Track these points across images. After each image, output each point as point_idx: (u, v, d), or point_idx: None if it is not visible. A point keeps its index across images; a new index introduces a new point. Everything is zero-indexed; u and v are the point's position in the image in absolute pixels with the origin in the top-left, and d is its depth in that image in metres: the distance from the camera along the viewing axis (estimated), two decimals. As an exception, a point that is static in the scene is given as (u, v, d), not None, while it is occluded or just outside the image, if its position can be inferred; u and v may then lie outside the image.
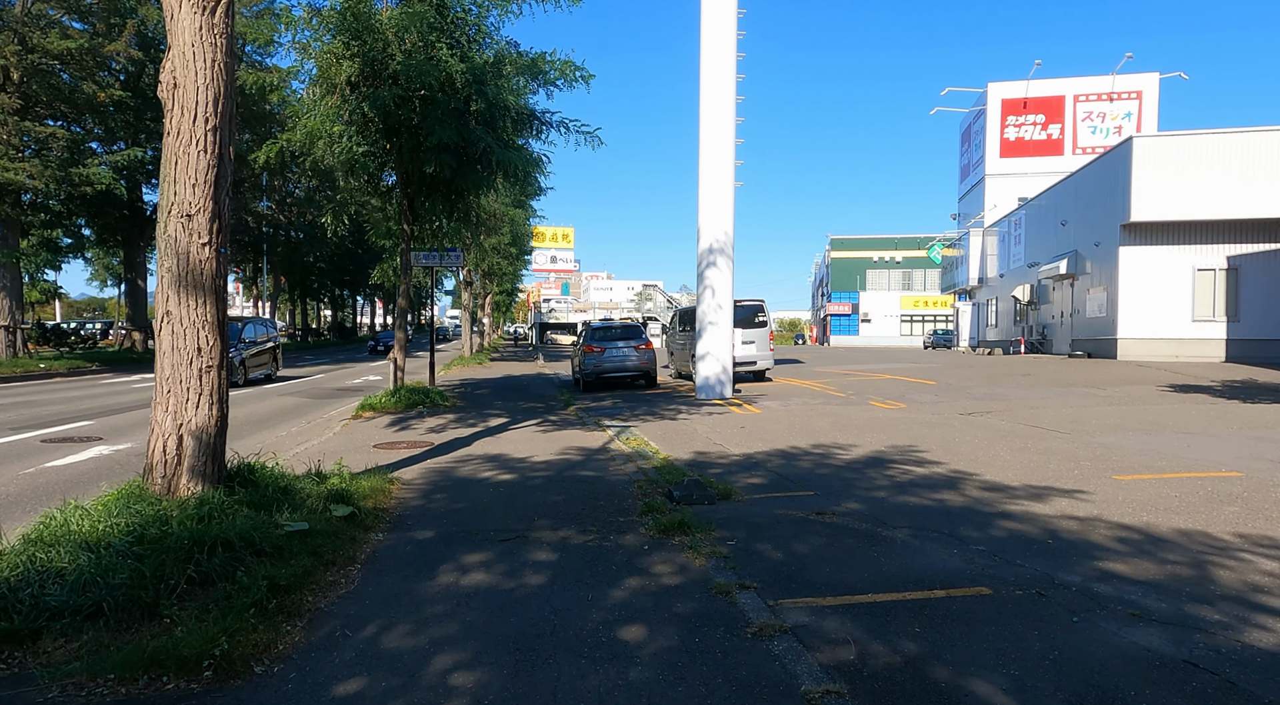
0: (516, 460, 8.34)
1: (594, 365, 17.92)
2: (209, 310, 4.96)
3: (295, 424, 12.86)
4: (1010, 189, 37.12)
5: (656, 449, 9.12)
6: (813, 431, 10.34)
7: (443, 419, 12.39)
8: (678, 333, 21.44)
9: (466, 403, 15.27)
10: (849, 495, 6.38)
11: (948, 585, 4.12)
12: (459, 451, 9.01)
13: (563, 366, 30.90)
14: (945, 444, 9.02)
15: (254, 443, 10.53)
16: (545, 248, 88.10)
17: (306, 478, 5.86)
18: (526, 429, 11.11)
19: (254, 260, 46.05)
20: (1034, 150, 37.06)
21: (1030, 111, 36.89)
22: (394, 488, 6.57)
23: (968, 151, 42.08)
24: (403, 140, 13.36)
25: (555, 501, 6.21)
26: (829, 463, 7.94)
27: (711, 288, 15.19)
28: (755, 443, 9.47)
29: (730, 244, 15.29)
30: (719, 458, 8.49)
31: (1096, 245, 23.87)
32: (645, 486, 6.76)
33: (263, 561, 4.06)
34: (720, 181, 15.21)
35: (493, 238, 31.96)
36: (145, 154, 27.13)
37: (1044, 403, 13.20)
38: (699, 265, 15.50)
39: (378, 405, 13.44)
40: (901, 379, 19.00)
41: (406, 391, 14.08)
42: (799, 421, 11.43)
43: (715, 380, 15.17)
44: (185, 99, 4.89)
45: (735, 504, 6.13)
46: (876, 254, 67.38)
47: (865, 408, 13.12)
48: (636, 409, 13.72)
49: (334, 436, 10.64)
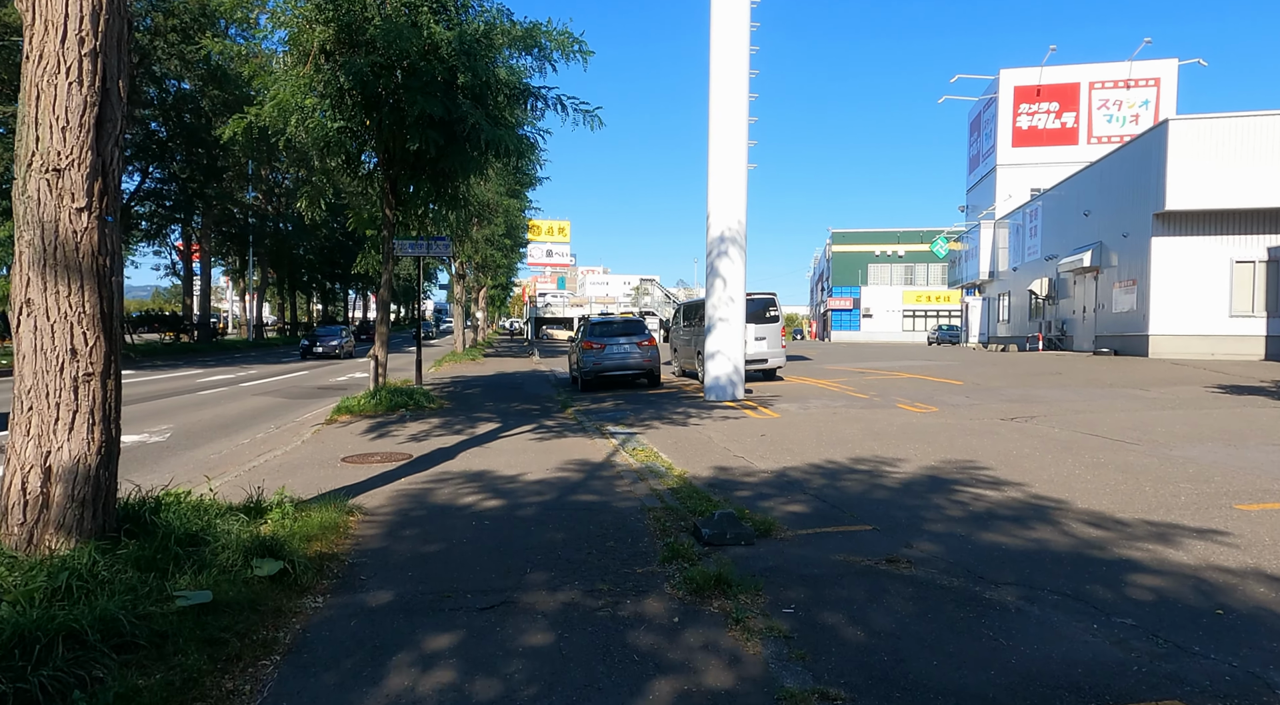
0: (506, 479, 7.07)
1: (593, 363, 16.66)
2: (88, 299, 3.68)
3: (263, 428, 11.57)
4: (1022, 179, 35.86)
5: (669, 463, 7.88)
6: (845, 441, 9.09)
7: (426, 424, 11.12)
8: (681, 328, 20.18)
9: (455, 404, 14.00)
10: (918, 531, 5.14)
11: (1118, 694, 2.88)
12: (440, 466, 7.74)
13: (559, 363, 29.63)
14: (1005, 458, 7.78)
15: (210, 453, 9.25)
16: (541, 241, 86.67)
17: (235, 513, 4.58)
18: (520, 436, 9.85)
19: (241, 252, 44.59)
20: (1047, 139, 35.78)
21: (1044, 99, 35.60)
22: (352, 521, 5.30)
23: (977, 141, 40.78)
24: (383, 115, 12.06)
25: (553, 541, 4.95)
26: (879, 483, 6.70)
27: (723, 279, 13.92)
28: (782, 455, 8.23)
29: (742, 232, 14.03)
30: (744, 475, 7.25)
31: (1125, 236, 22.63)
32: (663, 518, 5.50)
33: (129, 661, 2.80)
34: (732, 164, 13.94)
35: (486, 228, 30.64)
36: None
37: (1090, 406, 11.99)
38: (708, 255, 14.24)
39: (355, 408, 12.17)
40: (924, 378, 17.77)
41: (388, 392, 12.80)
42: (825, 428, 10.18)
43: (726, 380, 13.92)
44: (50, 10, 3.59)
45: (779, 544, 4.88)
46: (879, 248, 66.11)
47: (894, 411, 11.88)
48: (641, 412, 12.47)
49: (301, 446, 9.37)
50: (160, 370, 23.90)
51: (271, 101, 11.59)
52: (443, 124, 11.96)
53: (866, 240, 66.48)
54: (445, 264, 34.94)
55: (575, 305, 79.83)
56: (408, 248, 16.62)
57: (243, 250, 43.90)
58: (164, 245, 39.09)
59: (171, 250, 39.84)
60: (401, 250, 16.59)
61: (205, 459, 8.86)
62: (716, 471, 7.46)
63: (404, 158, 12.76)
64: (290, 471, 7.58)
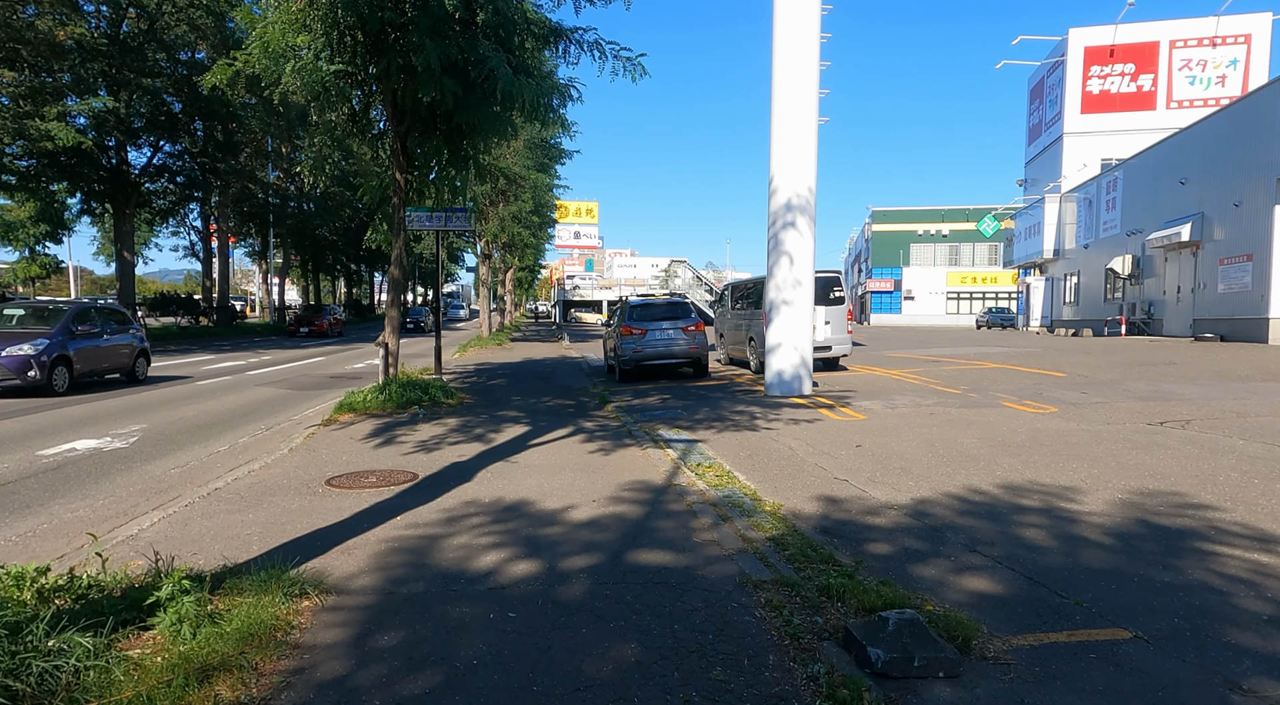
0: (541, 518, 5.17)
1: (634, 350, 14.72)
2: None
3: (252, 429, 9.82)
4: (1092, 148, 32.91)
5: (753, 490, 5.92)
6: (970, 456, 7.05)
7: (442, 426, 9.27)
8: (729, 312, 18.13)
9: (477, 399, 12.16)
10: (1211, 642, 3.14)
11: None
12: (453, 493, 5.87)
13: (591, 348, 27.77)
14: (1219, 487, 5.70)
15: (171, 466, 7.49)
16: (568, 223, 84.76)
17: (97, 613, 2.70)
18: (554, 444, 7.95)
19: (262, 233, 43.24)
20: (1121, 105, 32.72)
21: (1118, 60, 32.47)
22: (302, 614, 3.40)
23: (1039, 109, 37.73)
24: (391, 59, 10.13)
25: (623, 664, 3.02)
26: (1072, 532, 4.67)
27: (788, 257, 11.83)
28: (899, 478, 6.23)
29: (812, 200, 11.92)
30: (865, 512, 5.27)
31: (1236, 206, 19.97)
32: (783, 603, 3.56)
33: None
34: (800, 117, 11.80)
35: (513, 205, 28.72)
36: (124, 108, 24.22)
37: (1246, 406, 9.77)
38: (770, 227, 12.15)
39: (360, 405, 10.37)
40: (1013, 368, 15.54)
41: (400, 386, 10.98)
42: (933, 435, 8.14)
43: (792, 374, 11.88)
44: None
45: (1000, 675, 2.91)
46: (921, 227, 63.06)
47: (1005, 412, 9.78)
48: (695, 410, 10.51)
49: (285, 456, 7.57)
50: (169, 356, 22.47)
51: (258, 41, 9.75)
52: (459, 70, 10.04)
53: (909, 219, 63.47)
54: (471, 244, 33.18)
55: (604, 288, 77.80)
56: (423, 220, 14.77)
57: (263, 231, 42.54)
58: (182, 226, 37.88)
59: (190, 231, 38.56)
60: (417, 223, 14.74)
61: (161, 476, 7.09)
62: (823, 505, 5.49)
63: (416, 112, 10.87)
64: (255, 501, 5.77)
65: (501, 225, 28.99)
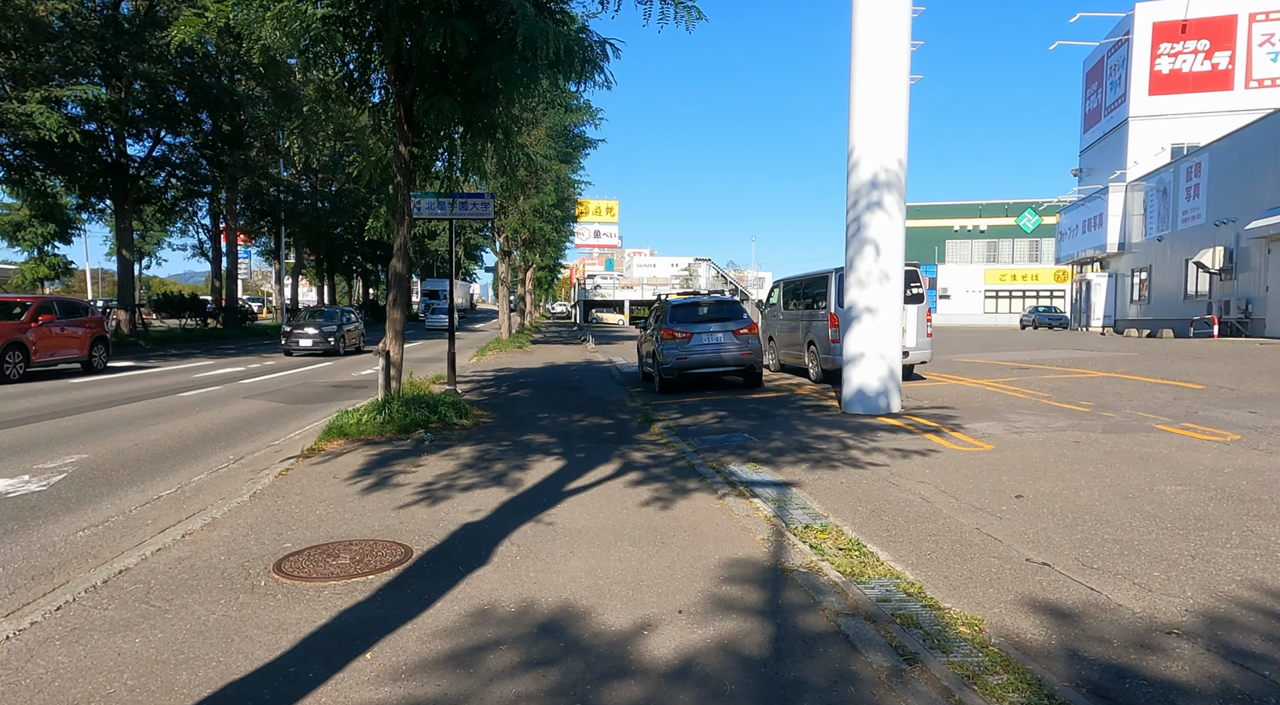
0: (604, 662, 3.14)
1: (677, 357, 12.67)
2: None
3: (218, 460, 7.89)
4: (1161, 133, 30.31)
5: (916, 585, 3.86)
6: (1189, 513, 4.93)
7: (452, 459, 7.28)
8: (780, 313, 16.02)
9: (496, 416, 10.18)
10: None
11: None
12: (458, 597, 3.86)
13: (617, 351, 25.79)
14: None
15: (81, 524, 5.52)
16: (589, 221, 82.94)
17: None
18: (600, 492, 5.92)
19: (274, 231, 41.68)
20: (1194, 85, 30.06)
21: (1190, 36, 29.82)
22: None
23: (1097, 93, 35.07)
24: (391, 3, 8.18)
25: None
26: None
27: (873, 246, 9.71)
28: (1117, 555, 4.14)
29: (903, 175, 9.80)
30: (1131, 643, 3.18)
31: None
32: None
33: None
34: (888, 73, 9.68)
35: (534, 197, 26.78)
36: (120, 95, 22.57)
37: None
38: (850, 210, 10.03)
39: (353, 428, 8.41)
40: (1128, 378, 13.27)
41: (403, 404, 9.00)
42: (1107, 476, 6.00)
43: (878, 389, 9.75)
44: None
45: None
46: (958, 222, 60.42)
47: (1171, 440, 7.60)
48: (765, 434, 8.43)
49: (241, 508, 5.61)
50: (165, 361, 20.78)
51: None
52: (473, 12, 8.08)
53: (944, 214, 60.86)
54: (490, 240, 31.27)
55: (626, 287, 75.74)
56: (434, 207, 12.76)
57: (275, 229, 40.97)
58: (190, 223, 36.35)
59: (199, 229, 37.01)
60: (427, 210, 12.73)
61: (61, 543, 5.14)
62: (1047, 622, 3.41)
63: (423, 68, 8.92)
64: (161, 604, 3.79)
65: (522, 219, 27.07)
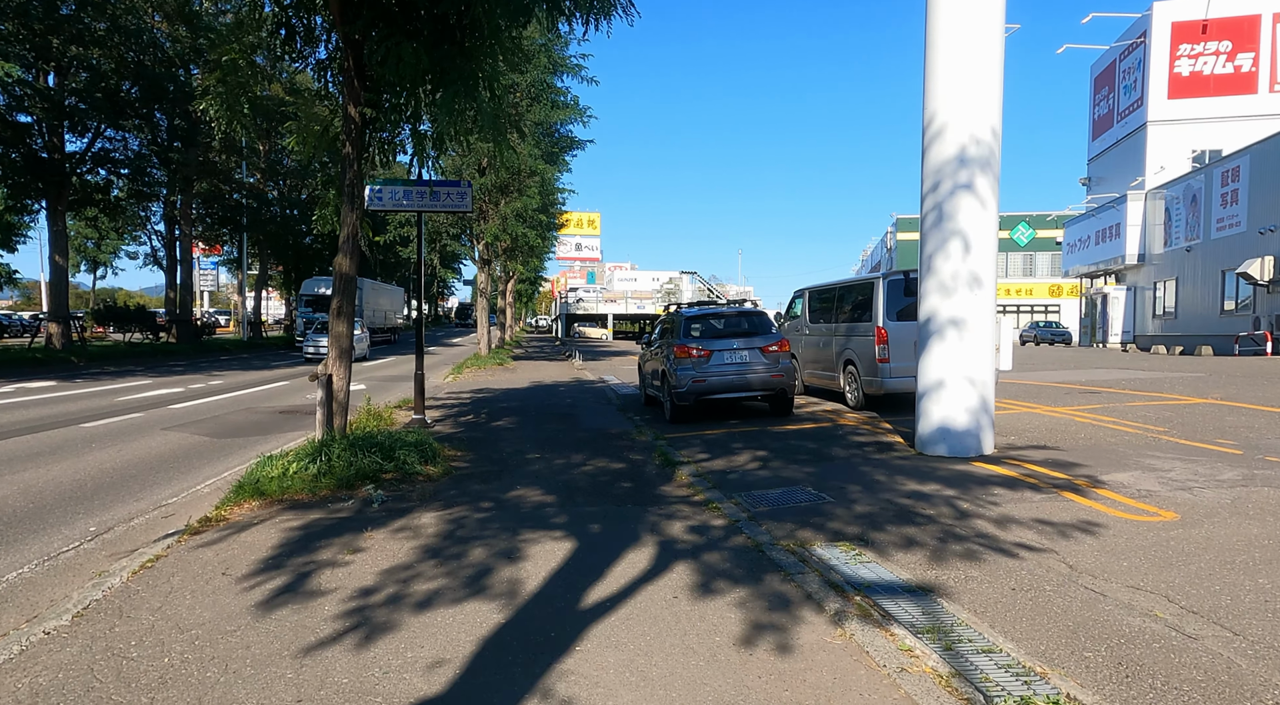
0: None
1: (693, 379, 10.45)
2: None
3: (74, 529, 5.51)
4: (1181, 139, 28.82)
5: None
6: None
7: (408, 538, 4.97)
8: (806, 326, 13.81)
9: (474, 459, 7.85)
10: None
11: None
12: None
13: (606, 368, 23.52)
14: None
15: None
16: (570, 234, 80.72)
17: None
18: (638, 614, 3.65)
19: (236, 239, 38.96)
20: (1216, 88, 28.67)
21: (1212, 37, 28.49)
22: None
23: (1108, 98, 33.63)
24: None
25: None
26: None
27: (961, 239, 7.56)
28: None
29: (997, 149, 7.69)
30: None
31: None
32: None
33: None
34: (982, 16, 7.59)
35: (517, 201, 24.53)
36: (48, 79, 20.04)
37: None
38: (928, 195, 7.88)
39: (274, 485, 6.07)
40: (1233, 404, 11.22)
41: (346, 447, 6.66)
42: None
43: (967, 424, 7.56)
44: None
45: None
46: (950, 235, 58.95)
47: None
48: (842, 491, 6.20)
49: (38, 651, 3.26)
50: (95, 380, 18.17)
51: None
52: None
53: (936, 226, 59.29)
54: (468, 248, 28.91)
55: (609, 300, 73.42)
56: (401, 197, 10.47)
57: (237, 237, 38.27)
58: (143, 230, 33.57)
59: (153, 236, 34.22)
60: (393, 202, 10.45)
61: None
62: None
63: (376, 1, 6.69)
64: None
65: (503, 224, 24.77)
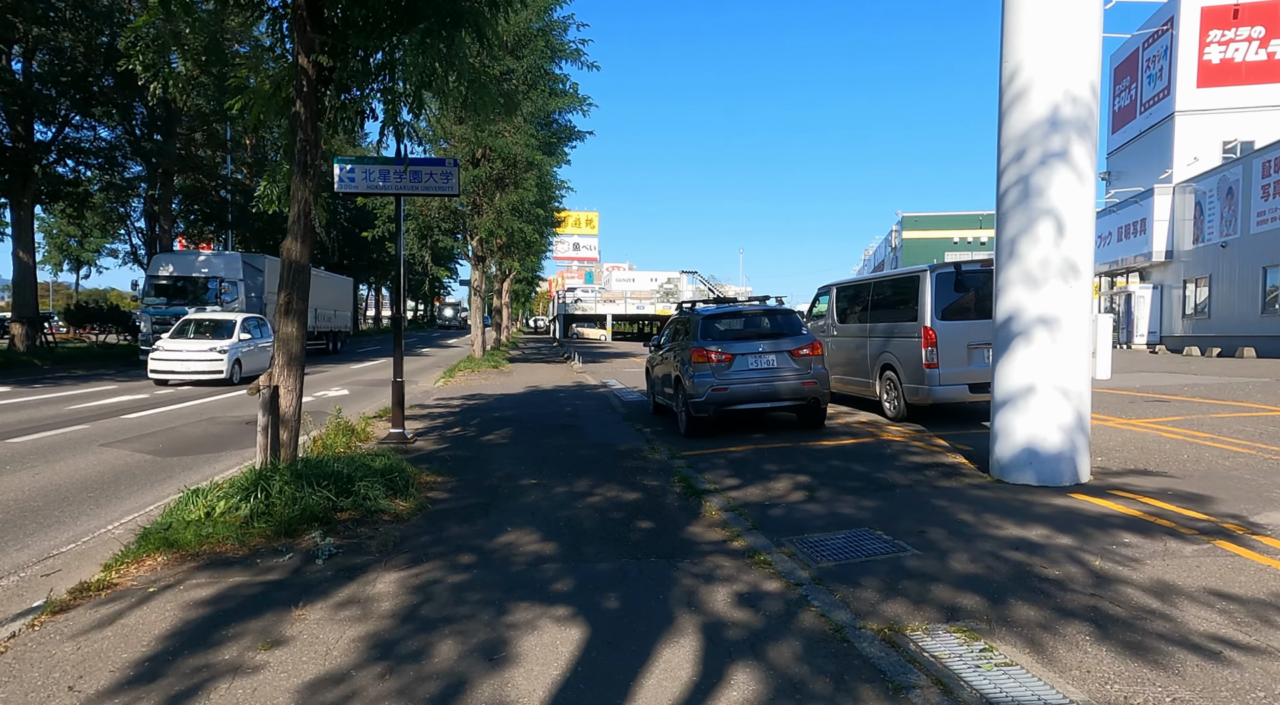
0: None
1: (713, 387, 9.07)
2: None
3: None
4: (1211, 130, 27.48)
5: None
6: None
7: (353, 619, 3.57)
8: (834, 327, 12.41)
9: (456, 488, 6.45)
10: None
11: None
12: None
13: (609, 371, 22.13)
14: None
15: None
16: (568, 234, 79.29)
17: None
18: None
19: (220, 236, 37.47)
20: (1249, 76, 27.35)
21: (1244, 22, 27.17)
22: None
23: (1131, 88, 32.28)
24: None
25: None
26: None
27: (1054, 220, 6.18)
28: None
29: (1096, 111, 6.31)
30: None
31: None
32: None
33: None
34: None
35: (513, 194, 23.14)
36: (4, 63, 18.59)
37: None
38: (1010, 165, 6.49)
39: (191, 534, 4.67)
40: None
41: (292, 479, 5.26)
42: None
43: (1059, 448, 6.17)
44: None
45: None
46: (957, 234, 57.81)
47: None
48: (921, 536, 4.82)
49: None
50: (54, 385, 16.75)
51: None
52: None
53: (943, 225, 58.28)
54: (462, 243, 27.47)
55: (608, 301, 71.97)
56: (376, 177, 9.05)
57: (221, 234, 36.77)
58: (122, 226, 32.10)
59: (133, 233, 32.75)
60: (366, 183, 9.02)
61: None
62: None
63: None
64: None
65: (499, 219, 23.37)
